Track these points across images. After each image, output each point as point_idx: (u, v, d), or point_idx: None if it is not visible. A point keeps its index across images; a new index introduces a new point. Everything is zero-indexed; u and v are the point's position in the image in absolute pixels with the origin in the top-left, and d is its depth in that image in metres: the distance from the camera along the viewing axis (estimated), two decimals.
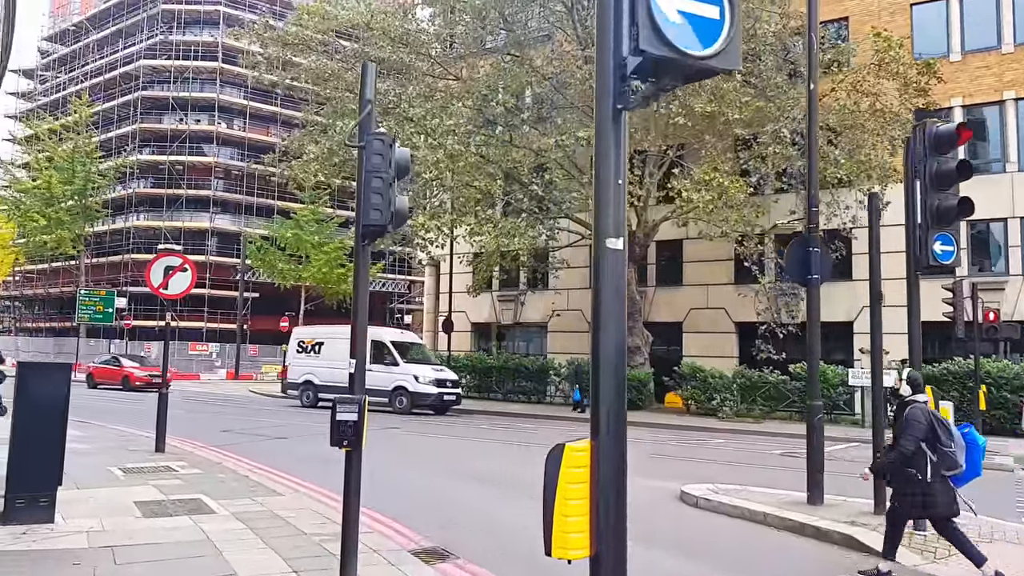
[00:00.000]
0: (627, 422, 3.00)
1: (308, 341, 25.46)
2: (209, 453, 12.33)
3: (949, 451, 5.78)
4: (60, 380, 6.88)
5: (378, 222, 5.05)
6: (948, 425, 5.96)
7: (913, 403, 6.05)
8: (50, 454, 6.70)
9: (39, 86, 62.59)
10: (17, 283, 59.46)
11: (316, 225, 44.71)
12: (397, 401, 22.22)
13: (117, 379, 31.34)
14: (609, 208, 3.02)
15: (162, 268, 11.92)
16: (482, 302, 33.66)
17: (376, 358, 21.89)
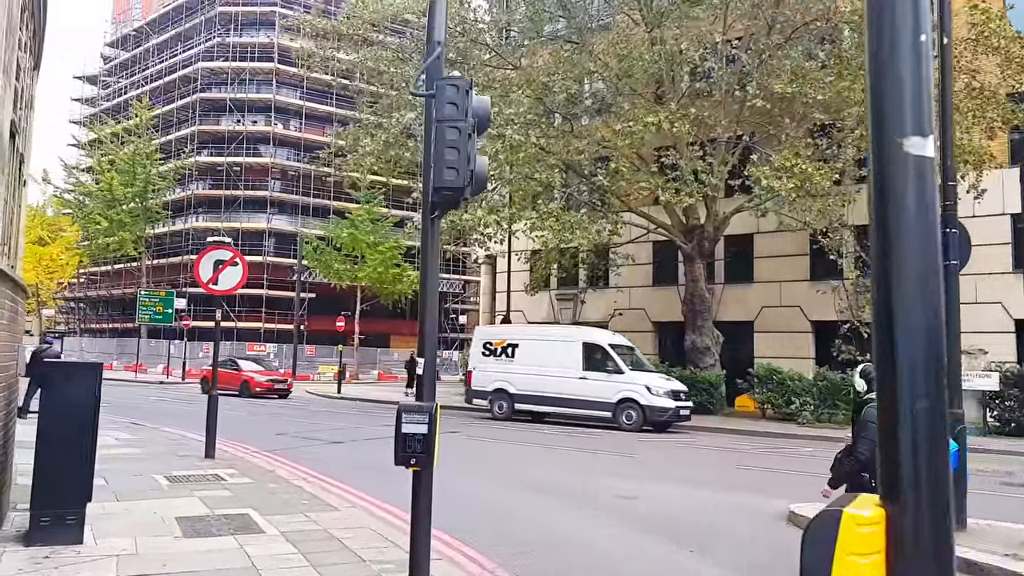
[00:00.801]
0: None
1: (498, 343, 22.05)
2: (261, 459, 11.55)
3: None
4: (89, 382, 6.05)
5: (453, 184, 4.03)
6: None
7: (870, 402, 5.32)
8: (78, 466, 5.88)
9: (102, 91, 63.97)
10: (82, 285, 60.87)
11: (371, 225, 44.33)
12: (624, 416, 18.89)
13: (234, 384, 27.70)
14: (905, 89, 1.82)
15: (211, 262, 11.19)
16: (540, 301, 32.62)
17: (592, 365, 19.73)
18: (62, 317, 66.82)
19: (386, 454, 4.67)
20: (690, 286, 24.54)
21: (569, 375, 19.60)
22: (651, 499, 9.62)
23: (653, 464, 13.26)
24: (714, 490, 10.37)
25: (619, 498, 9.59)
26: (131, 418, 17.59)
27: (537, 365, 20.17)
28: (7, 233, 6.24)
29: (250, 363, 29.94)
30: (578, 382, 19.47)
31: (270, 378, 27.82)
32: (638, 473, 12.09)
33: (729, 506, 9.26)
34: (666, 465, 13.23)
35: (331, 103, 52.87)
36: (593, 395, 19.21)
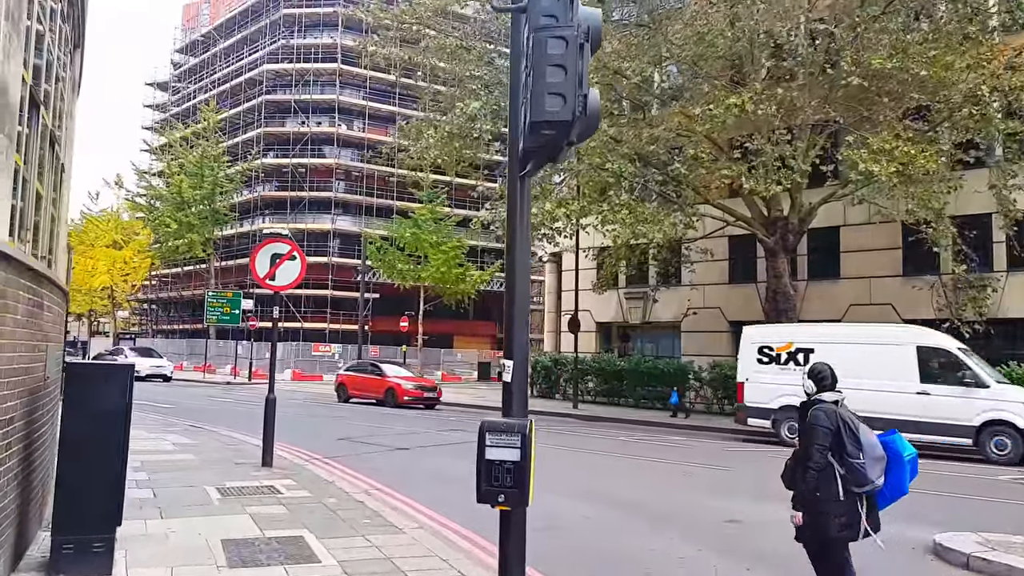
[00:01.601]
0: None
1: (781, 347, 18.00)
2: (321, 468, 10.74)
3: (857, 463, 4.62)
4: (118, 387, 5.22)
5: (558, 116, 2.93)
6: (858, 430, 4.71)
7: (818, 403, 4.85)
8: (105, 486, 5.07)
9: (172, 97, 65.44)
10: (153, 287, 62.30)
11: (434, 224, 43.84)
12: (994, 445, 14.68)
13: (378, 392, 24.83)
14: None
15: (268, 256, 10.43)
16: (608, 300, 31.34)
17: (932, 375, 15.69)
18: (136, 318, 68.66)
19: (455, 464, 3.67)
20: (772, 283, 22.92)
21: (900, 389, 15.49)
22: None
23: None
24: None
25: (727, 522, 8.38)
26: (193, 420, 17.17)
27: (844, 377, 15.79)
28: (29, 219, 5.46)
29: (394, 367, 26.92)
30: (915, 398, 15.39)
31: (418, 385, 24.68)
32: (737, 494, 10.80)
33: None
34: None
35: (394, 103, 52.70)
36: (940, 416, 15.09)
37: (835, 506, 4.61)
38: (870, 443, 4.67)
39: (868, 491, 4.66)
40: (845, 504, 4.62)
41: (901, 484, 4.76)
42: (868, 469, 4.61)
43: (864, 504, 4.66)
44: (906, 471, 4.75)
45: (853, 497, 4.64)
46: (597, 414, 22.93)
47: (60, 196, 7.58)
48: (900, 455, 4.73)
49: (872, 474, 4.62)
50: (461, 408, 24.99)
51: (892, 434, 4.87)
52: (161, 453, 11.40)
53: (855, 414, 4.84)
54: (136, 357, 35.79)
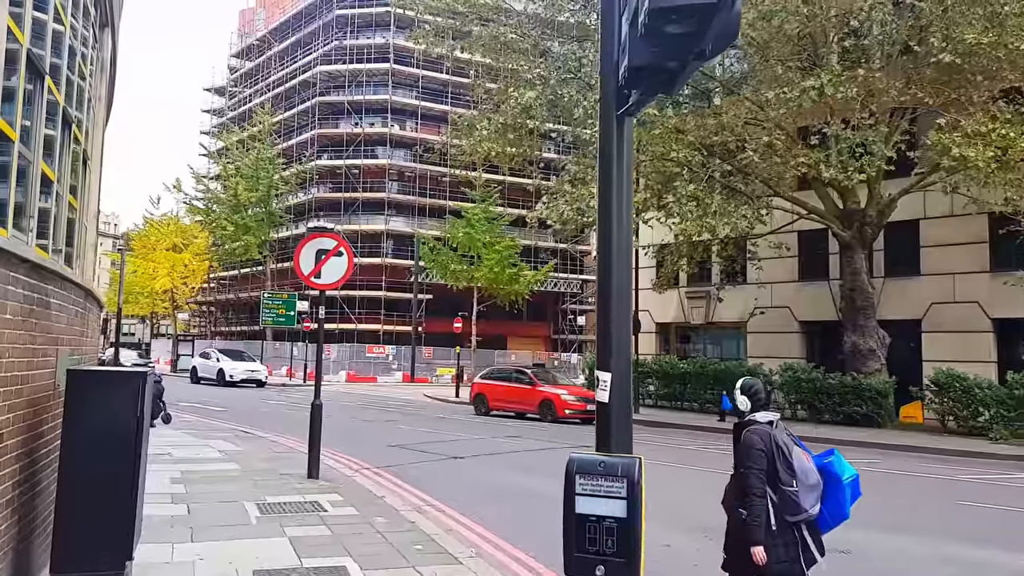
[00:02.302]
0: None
1: None
2: (369, 479, 9.98)
3: (790, 491, 4.20)
4: (127, 398, 4.46)
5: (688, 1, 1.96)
6: (789, 454, 4.27)
7: (751, 424, 4.43)
8: (111, 517, 4.32)
9: (229, 101, 66.34)
10: (211, 289, 63.16)
11: (487, 224, 43.10)
12: None
13: (529, 403, 21.45)
14: None
15: (313, 252, 9.72)
16: (668, 300, 30.11)
17: None
18: (195, 321, 69.82)
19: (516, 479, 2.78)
20: (849, 280, 21.47)
21: None
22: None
23: None
24: (942, 539, 7.87)
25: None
26: (244, 424, 16.72)
27: None
28: (32, 206, 4.75)
29: (539, 371, 23.43)
30: None
31: (582, 398, 20.83)
32: None
33: (971, 564, 6.82)
34: None
35: (446, 101, 52.22)
36: None
37: (769, 537, 4.18)
38: (804, 469, 4.27)
39: (801, 521, 4.26)
40: (780, 535, 4.22)
41: (841, 509, 4.37)
42: (801, 498, 4.23)
43: (801, 533, 4.27)
44: (846, 495, 4.35)
45: (789, 527, 4.25)
46: (659, 419, 21.77)
47: (83, 186, 6.94)
48: (839, 478, 4.34)
49: (806, 503, 4.24)
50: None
51: (830, 455, 4.47)
52: (204, 462, 10.81)
53: (792, 435, 4.43)
54: (227, 360, 34.82)
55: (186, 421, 16.88)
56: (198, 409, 20.85)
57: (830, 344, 26.06)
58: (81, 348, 6.44)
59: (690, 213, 16.57)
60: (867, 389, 20.42)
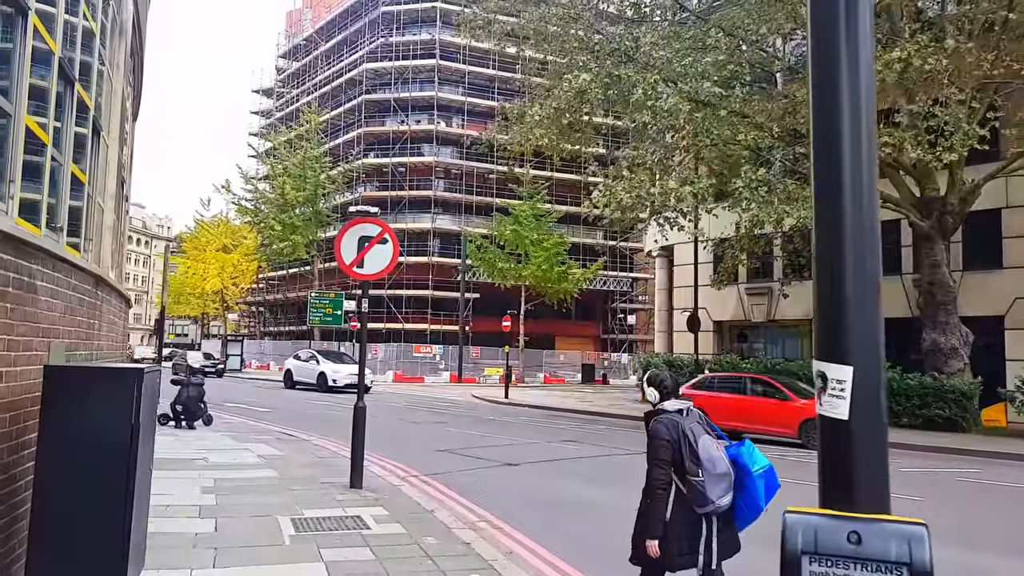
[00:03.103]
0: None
1: None
2: (418, 490, 9.06)
3: (696, 481, 4.03)
4: (119, 402, 3.58)
5: None
6: (695, 442, 4.09)
7: (659, 413, 4.28)
8: (96, 538, 3.42)
9: (276, 102, 66.67)
10: (260, 289, 63.51)
11: (534, 221, 42.17)
12: None
13: (780, 424, 16.32)
14: None
15: (355, 240, 8.84)
16: (727, 297, 28.72)
17: None
18: (245, 320, 70.40)
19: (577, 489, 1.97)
20: (928, 273, 19.89)
21: None
22: None
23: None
24: None
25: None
26: (289, 426, 16.03)
27: None
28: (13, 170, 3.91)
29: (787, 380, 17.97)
30: None
31: None
32: None
33: None
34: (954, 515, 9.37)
35: (492, 97, 51.40)
36: None
37: (672, 529, 4.11)
38: (711, 458, 4.11)
39: (710, 512, 4.10)
40: (683, 527, 4.11)
41: (755, 501, 4.18)
42: (708, 488, 4.07)
43: (712, 527, 4.13)
44: (757, 486, 4.16)
45: (697, 519, 4.11)
46: (720, 425, 20.47)
47: (95, 161, 6.16)
48: (747, 469, 4.16)
49: (713, 493, 4.07)
50: (585, 416, 22.68)
51: (742, 445, 4.28)
52: (240, 468, 10.05)
53: (707, 423, 4.31)
54: (328, 362, 31.56)
55: (227, 423, 16.27)
56: (243, 411, 20.32)
57: (903, 342, 24.38)
58: (91, 343, 5.64)
59: (761, 199, 15.29)
60: (950, 391, 18.85)
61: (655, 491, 4.15)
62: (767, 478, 4.19)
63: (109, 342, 6.68)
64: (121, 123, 7.11)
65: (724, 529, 4.18)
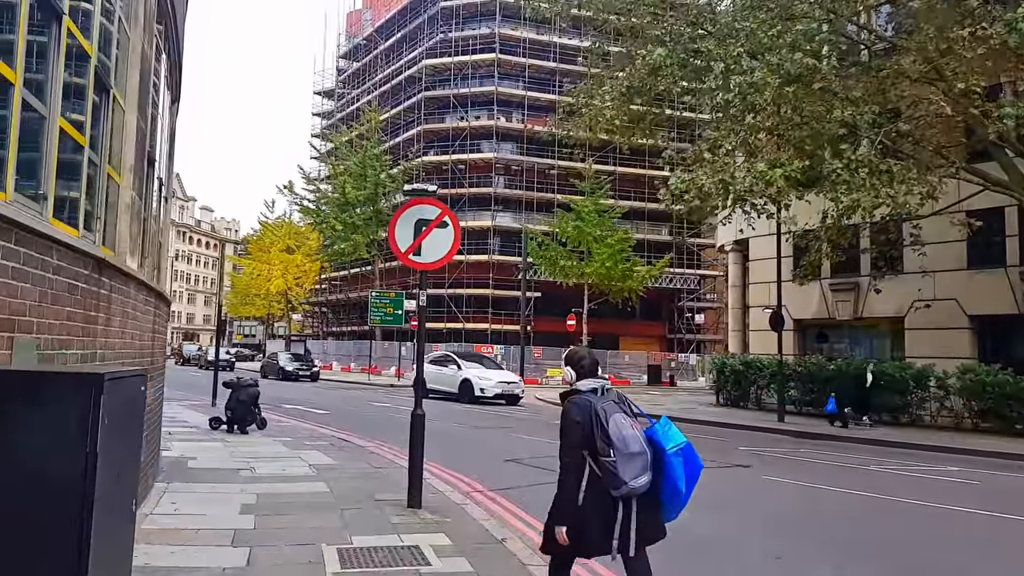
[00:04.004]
0: None
1: None
2: (485, 510, 7.90)
3: (608, 462, 3.84)
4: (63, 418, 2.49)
5: None
6: (607, 422, 3.88)
7: (574, 394, 4.12)
8: None
9: (337, 103, 66.86)
10: (323, 290, 63.76)
11: (597, 217, 40.77)
12: None
13: None
14: None
15: (411, 223, 7.74)
16: (808, 293, 26.73)
17: None
18: (308, 321, 70.88)
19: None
20: None
21: None
22: None
23: None
24: None
25: None
26: (345, 430, 15.13)
27: None
28: None
29: None
30: None
31: None
32: None
33: None
34: None
35: (553, 91, 50.16)
36: None
37: (584, 513, 3.86)
38: (623, 437, 3.84)
39: (625, 494, 3.82)
40: (595, 511, 3.86)
41: (674, 484, 3.88)
42: (620, 469, 3.79)
43: (630, 510, 3.87)
44: (674, 467, 3.88)
45: (611, 502, 3.84)
46: (811, 429, 18.79)
47: (105, 125, 5.18)
48: (662, 448, 3.90)
49: (626, 474, 3.79)
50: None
51: (657, 422, 4.05)
52: (289, 480, 9.07)
53: (625, 402, 4.05)
54: (471, 367, 25.97)
55: (281, 427, 15.47)
56: (303, 412, 19.62)
57: (1010, 341, 22.20)
58: (90, 340, 4.64)
59: (860, 182, 13.61)
60: None
61: (563, 474, 3.96)
62: (685, 456, 3.94)
63: (125, 340, 5.71)
64: (144, 89, 6.14)
65: (645, 513, 3.92)
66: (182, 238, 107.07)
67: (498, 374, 25.50)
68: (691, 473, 3.98)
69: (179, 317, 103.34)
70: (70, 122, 4.35)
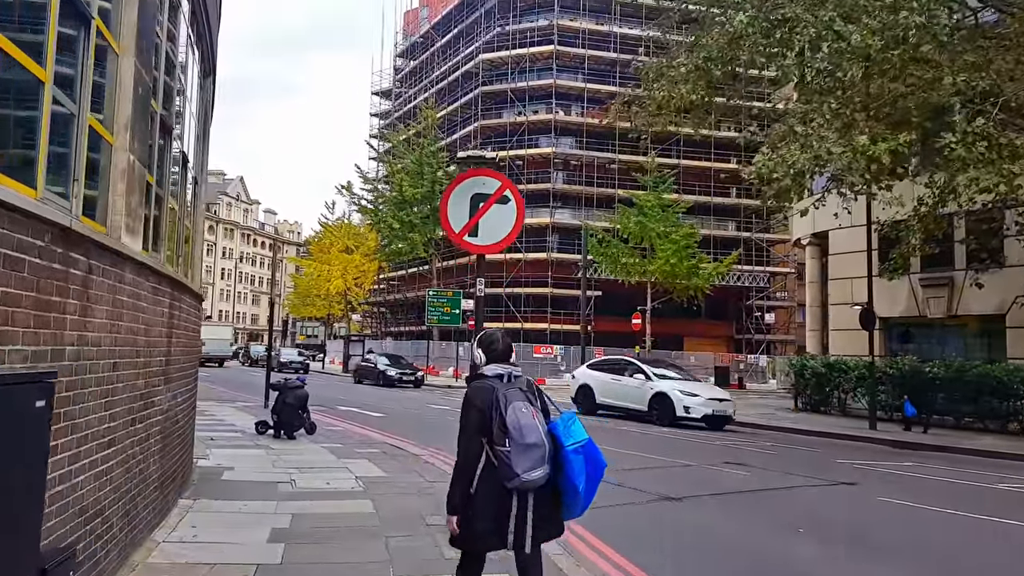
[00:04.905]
0: None
1: None
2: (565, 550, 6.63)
3: (502, 451, 3.65)
4: None
5: None
6: (505, 410, 3.67)
7: (479, 379, 3.94)
8: None
9: (395, 103, 66.60)
10: (381, 290, 63.53)
11: (661, 212, 39.08)
12: None
13: None
14: None
15: (466, 199, 6.55)
16: (896, 289, 24.61)
17: None
18: (367, 321, 70.86)
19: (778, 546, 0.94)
20: None
21: None
22: None
23: None
24: None
25: None
26: (399, 435, 14.09)
27: None
28: None
29: None
30: None
31: None
32: None
33: None
34: None
35: (613, 82, 48.57)
36: None
37: (478, 504, 3.69)
38: (520, 427, 3.64)
39: (519, 487, 3.64)
40: (488, 502, 3.68)
41: (571, 481, 3.70)
42: (514, 460, 3.61)
43: (526, 504, 3.68)
44: (572, 463, 3.67)
45: (506, 494, 3.66)
46: (908, 438, 16.95)
47: (71, 56, 4.12)
48: (560, 443, 3.73)
49: (519, 466, 3.60)
50: (738, 430, 19.08)
51: (569, 417, 3.84)
52: (331, 496, 8.00)
53: (535, 391, 3.88)
54: (665, 379, 19.81)
55: (332, 431, 14.50)
56: (355, 415, 18.73)
57: None
58: (66, 335, 3.58)
59: (978, 157, 11.84)
60: None
61: (460, 461, 3.79)
62: (586, 455, 3.76)
63: (119, 335, 4.66)
64: (145, 31, 5.09)
65: (542, 508, 3.75)
66: (246, 240, 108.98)
67: (702, 388, 19.90)
68: (593, 472, 3.78)
69: (243, 318, 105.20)
70: (15, 43, 3.28)
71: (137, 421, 5.26)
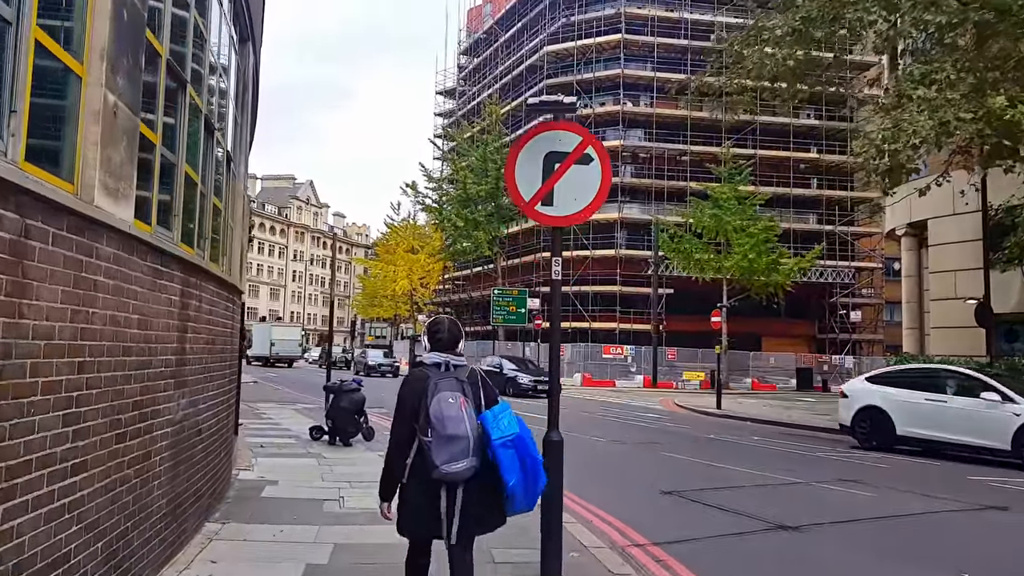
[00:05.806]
0: None
1: None
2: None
3: (424, 441, 3.60)
4: None
5: None
6: (431, 399, 3.59)
7: (418, 366, 3.93)
8: None
9: (459, 101, 65.92)
10: (446, 290, 62.97)
11: (737, 204, 37.06)
12: None
13: None
14: None
15: (539, 159, 5.28)
16: (1007, 282, 22.15)
17: None
18: None
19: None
20: None
21: None
22: None
23: None
24: None
25: None
26: None
27: None
28: None
29: None
30: None
31: None
32: None
33: None
34: None
35: (684, 70, 46.53)
36: None
37: (408, 493, 3.70)
38: (441, 417, 3.55)
39: (440, 478, 3.55)
40: (415, 492, 3.67)
41: (500, 477, 3.54)
42: (434, 451, 3.53)
43: (453, 496, 3.62)
44: (501, 459, 3.53)
45: (432, 485, 3.60)
46: None
47: None
48: (488, 436, 3.59)
49: (438, 457, 3.53)
50: (836, 439, 16.88)
51: (503, 409, 3.70)
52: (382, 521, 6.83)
53: (479, 381, 3.78)
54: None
55: None
56: None
57: None
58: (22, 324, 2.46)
59: None
60: None
61: (390, 447, 3.80)
62: (518, 449, 3.58)
63: (93, 327, 3.57)
64: None
65: (474, 501, 3.64)
66: (316, 243, 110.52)
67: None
68: (531, 467, 3.63)
69: (315, 319, 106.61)
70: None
71: (129, 436, 4.17)
